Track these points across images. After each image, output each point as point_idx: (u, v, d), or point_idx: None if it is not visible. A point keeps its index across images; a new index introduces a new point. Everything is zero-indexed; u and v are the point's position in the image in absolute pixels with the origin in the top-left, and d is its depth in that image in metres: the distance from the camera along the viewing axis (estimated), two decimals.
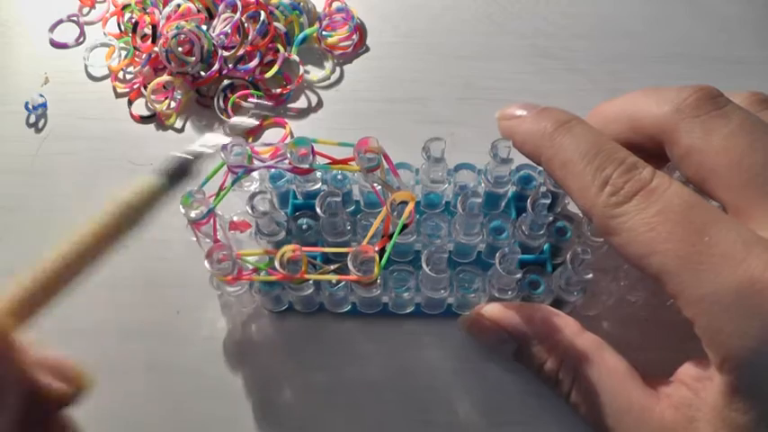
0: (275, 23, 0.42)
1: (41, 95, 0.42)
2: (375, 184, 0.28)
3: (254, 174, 0.32)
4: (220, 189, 0.29)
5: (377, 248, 0.27)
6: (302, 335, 0.33)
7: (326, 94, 0.42)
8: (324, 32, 0.43)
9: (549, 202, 0.29)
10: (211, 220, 0.29)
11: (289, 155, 0.28)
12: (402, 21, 0.45)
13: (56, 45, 0.45)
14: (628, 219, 0.23)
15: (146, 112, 0.41)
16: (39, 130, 0.41)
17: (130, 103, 0.42)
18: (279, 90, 0.41)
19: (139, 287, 0.35)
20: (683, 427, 0.23)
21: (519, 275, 0.29)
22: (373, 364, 0.32)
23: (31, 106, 0.41)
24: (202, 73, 0.41)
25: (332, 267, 0.28)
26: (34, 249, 0.37)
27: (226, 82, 0.41)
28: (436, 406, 0.31)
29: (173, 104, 0.41)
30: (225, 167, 0.29)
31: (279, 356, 0.32)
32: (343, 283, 0.29)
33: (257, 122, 0.39)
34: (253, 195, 0.31)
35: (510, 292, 0.30)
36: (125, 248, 0.36)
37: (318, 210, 0.31)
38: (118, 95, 0.42)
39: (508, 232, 0.32)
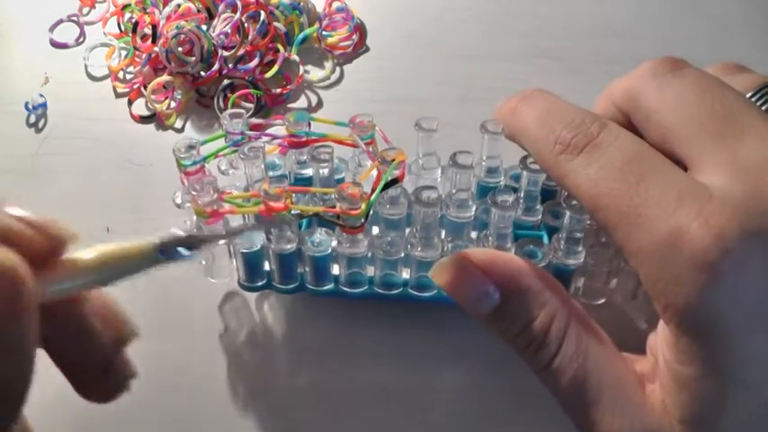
0: (275, 23, 0.42)
1: (41, 95, 0.42)
2: (369, 151, 0.28)
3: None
4: (216, 156, 0.30)
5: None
6: (280, 319, 0.33)
7: (326, 94, 0.42)
8: (324, 32, 0.43)
9: (542, 176, 0.29)
10: (202, 173, 0.29)
11: (286, 125, 0.29)
12: (402, 21, 0.45)
13: (56, 45, 0.45)
14: (576, 176, 0.23)
15: (146, 112, 0.41)
16: (39, 130, 0.41)
17: (130, 103, 0.42)
18: (279, 90, 0.41)
19: (140, 287, 0.35)
20: (658, 405, 0.23)
21: (513, 213, 0.28)
22: (363, 362, 0.32)
23: (31, 106, 0.41)
24: (202, 73, 0.41)
25: (319, 208, 0.27)
26: None
27: (226, 82, 0.41)
28: (430, 406, 0.31)
29: (173, 104, 0.41)
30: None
31: (264, 349, 0.32)
32: (328, 242, 0.29)
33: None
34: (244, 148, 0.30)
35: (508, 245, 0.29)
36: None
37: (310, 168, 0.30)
38: (118, 95, 0.42)
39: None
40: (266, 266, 0.31)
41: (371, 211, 0.28)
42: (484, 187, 0.32)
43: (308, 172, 0.33)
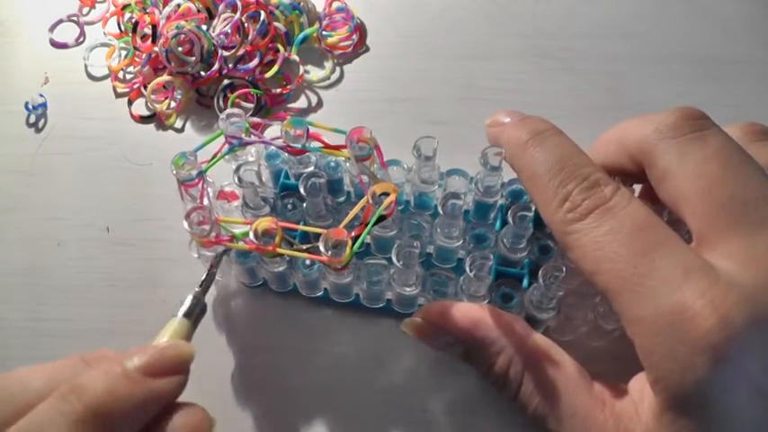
0: (275, 23, 0.42)
1: (41, 95, 0.42)
2: (362, 174, 0.28)
3: (251, 149, 0.32)
4: (214, 156, 0.30)
5: (353, 234, 0.27)
6: (276, 316, 0.33)
7: (326, 94, 0.42)
8: (324, 32, 0.43)
9: (531, 215, 0.29)
10: (200, 185, 0.30)
11: (283, 134, 0.29)
12: (402, 21, 0.45)
13: (56, 45, 0.45)
14: (581, 236, 0.23)
15: (146, 112, 0.41)
16: (39, 130, 0.41)
17: (130, 103, 0.42)
18: (279, 90, 0.41)
19: (140, 287, 0.35)
20: None
21: (488, 282, 0.29)
22: (346, 355, 0.32)
23: (31, 106, 0.41)
24: (202, 73, 0.41)
25: (305, 247, 0.28)
26: (34, 249, 0.37)
27: (226, 82, 0.41)
28: (410, 404, 0.31)
29: (173, 104, 0.41)
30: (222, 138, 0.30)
31: (253, 337, 0.33)
32: (317, 265, 0.30)
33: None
34: (239, 166, 0.32)
35: (481, 300, 0.30)
36: (127, 248, 0.36)
37: (301, 189, 0.31)
38: (118, 95, 0.42)
39: (490, 242, 0.31)
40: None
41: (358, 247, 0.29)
42: (481, 205, 0.32)
43: (308, 169, 0.33)
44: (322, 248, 0.27)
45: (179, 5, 0.42)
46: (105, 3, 0.46)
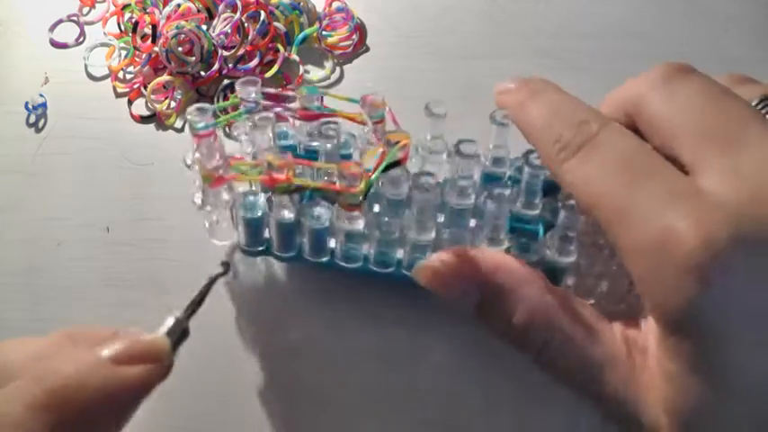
0: (275, 23, 0.42)
1: (41, 95, 0.42)
2: (378, 136, 0.29)
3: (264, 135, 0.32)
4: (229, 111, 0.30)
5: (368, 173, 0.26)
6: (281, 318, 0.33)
7: None
8: (324, 32, 0.43)
9: (543, 172, 0.29)
10: (213, 138, 0.29)
11: (298, 97, 0.30)
12: (402, 21, 0.45)
13: (56, 45, 0.45)
14: (572, 174, 0.23)
15: (146, 112, 0.41)
16: (39, 130, 0.41)
17: (130, 103, 0.42)
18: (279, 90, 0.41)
19: (140, 287, 0.35)
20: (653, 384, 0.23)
21: (507, 207, 0.28)
22: (358, 358, 0.32)
23: (31, 106, 0.41)
24: (202, 73, 0.41)
25: (319, 183, 0.28)
26: (34, 249, 0.37)
27: (226, 82, 0.41)
28: (431, 402, 0.31)
29: (173, 104, 0.41)
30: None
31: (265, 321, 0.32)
32: (327, 217, 0.29)
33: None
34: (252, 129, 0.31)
35: (500, 245, 0.29)
36: (127, 248, 0.36)
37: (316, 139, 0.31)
38: (118, 95, 0.42)
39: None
40: (266, 234, 0.31)
41: (373, 190, 0.28)
42: (489, 177, 0.32)
43: (318, 144, 0.33)
44: (337, 179, 0.26)
45: (179, 5, 0.42)
46: (105, 3, 0.46)
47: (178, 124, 0.41)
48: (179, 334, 0.26)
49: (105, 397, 0.22)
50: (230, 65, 0.41)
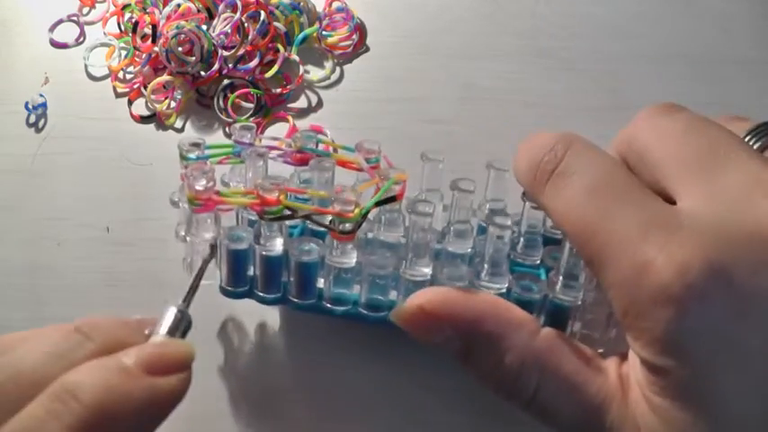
0: (275, 23, 0.42)
1: (41, 95, 0.42)
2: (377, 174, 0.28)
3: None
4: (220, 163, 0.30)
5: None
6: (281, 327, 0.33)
7: (326, 94, 0.42)
8: (324, 32, 0.43)
9: (542, 214, 0.29)
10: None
11: (292, 142, 0.29)
12: (402, 21, 0.45)
13: (56, 45, 0.45)
14: (548, 202, 0.23)
15: (146, 112, 0.41)
16: (39, 130, 0.41)
17: (130, 103, 0.42)
18: (279, 90, 0.41)
19: (140, 287, 0.35)
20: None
21: (507, 249, 0.27)
22: (359, 362, 0.32)
23: (31, 106, 0.41)
24: (202, 73, 0.41)
25: (312, 206, 0.27)
26: (34, 249, 0.37)
27: (226, 82, 0.41)
28: (430, 406, 0.31)
29: (173, 104, 0.41)
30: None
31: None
32: (317, 250, 0.28)
33: None
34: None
35: (501, 281, 0.27)
36: (127, 248, 0.37)
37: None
38: (118, 95, 0.42)
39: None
40: (250, 272, 0.29)
41: (371, 235, 0.28)
42: (484, 229, 0.30)
43: (312, 177, 0.33)
44: (332, 204, 0.26)
45: (179, 5, 0.42)
46: (105, 3, 0.46)
47: (178, 124, 0.41)
48: (186, 326, 0.25)
49: (141, 413, 0.20)
50: (230, 65, 0.41)
